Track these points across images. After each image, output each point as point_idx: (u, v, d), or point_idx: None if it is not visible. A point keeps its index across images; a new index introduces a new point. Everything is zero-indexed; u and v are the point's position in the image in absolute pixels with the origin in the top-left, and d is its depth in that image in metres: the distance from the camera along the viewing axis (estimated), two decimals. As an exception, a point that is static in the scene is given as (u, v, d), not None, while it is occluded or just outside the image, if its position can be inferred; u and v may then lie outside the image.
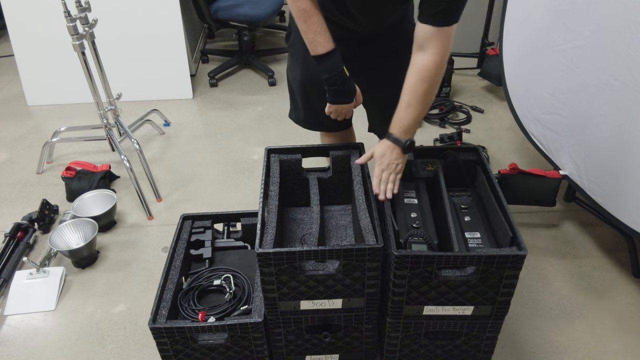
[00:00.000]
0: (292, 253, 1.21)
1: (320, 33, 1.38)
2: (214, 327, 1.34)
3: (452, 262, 1.21)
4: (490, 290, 1.26)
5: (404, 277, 1.23)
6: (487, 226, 1.42)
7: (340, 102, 1.48)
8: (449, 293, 1.27)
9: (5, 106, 3.09)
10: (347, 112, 1.53)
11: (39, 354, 1.67)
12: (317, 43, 1.39)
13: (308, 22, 1.39)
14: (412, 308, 1.31)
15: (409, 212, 1.43)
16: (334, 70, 1.41)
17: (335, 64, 1.40)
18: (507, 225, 1.29)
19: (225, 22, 3.16)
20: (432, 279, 1.24)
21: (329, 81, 1.43)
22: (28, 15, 2.80)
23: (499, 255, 1.19)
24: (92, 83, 2.22)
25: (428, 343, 1.38)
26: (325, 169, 1.66)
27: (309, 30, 1.40)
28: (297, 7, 1.40)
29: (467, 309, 1.31)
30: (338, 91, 1.45)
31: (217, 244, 1.67)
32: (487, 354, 1.42)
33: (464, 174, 1.55)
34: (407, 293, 1.27)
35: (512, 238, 1.26)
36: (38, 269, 1.88)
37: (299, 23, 1.41)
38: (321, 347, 1.46)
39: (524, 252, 1.20)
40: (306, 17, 1.39)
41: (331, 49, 1.39)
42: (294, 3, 1.40)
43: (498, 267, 1.21)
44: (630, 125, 1.60)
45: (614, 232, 2.03)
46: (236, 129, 2.84)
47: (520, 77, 2.20)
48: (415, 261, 1.20)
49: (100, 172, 2.32)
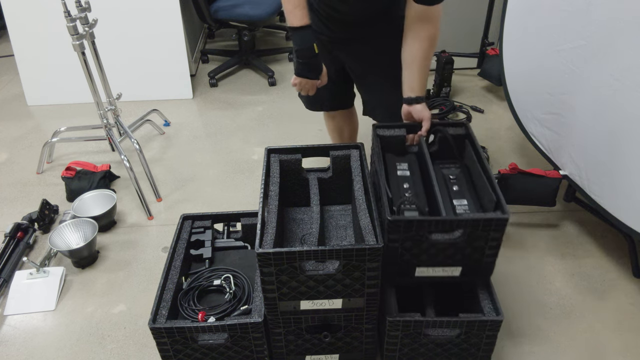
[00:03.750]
0: (292, 253, 1.21)
1: (298, 7, 1.48)
2: (214, 327, 1.34)
3: (441, 226, 1.30)
4: (477, 252, 1.35)
5: (397, 241, 1.32)
6: (473, 194, 1.50)
7: (305, 75, 1.57)
8: (439, 255, 1.36)
9: (5, 106, 3.09)
10: (311, 88, 1.61)
11: (39, 354, 1.67)
12: (294, 15, 1.48)
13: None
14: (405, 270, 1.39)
15: (402, 183, 1.52)
16: (304, 44, 1.50)
17: (306, 38, 1.49)
18: (491, 191, 1.38)
19: (225, 22, 3.16)
20: (423, 242, 1.33)
21: (298, 53, 1.52)
22: (28, 15, 2.80)
23: (483, 218, 1.28)
24: (92, 83, 2.22)
25: (428, 342, 1.39)
26: (325, 169, 1.66)
27: (289, 4, 1.48)
28: None
29: (455, 269, 1.39)
30: (305, 64, 1.54)
31: (217, 244, 1.67)
32: (487, 352, 1.42)
33: (453, 148, 1.62)
34: (400, 256, 1.35)
35: (496, 203, 1.35)
36: (38, 269, 1.88)
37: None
38: (321, 347, 1.46)
39: (507, 215, 1.29)
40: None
41: (305, 24, 1.48)
42: None
43: (483, 230, 1.30)
44: (630, 125, 1.60)
45: (614, 232, 2.03)
46: (236, 129, 2.84)
47: (520, 77, 2.20)
48: (408, 226, 1.29)
49: (100, 172, 2.32)
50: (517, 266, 1.93)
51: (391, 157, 1.61)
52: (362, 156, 1.56)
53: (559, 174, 1.97)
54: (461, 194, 1.49)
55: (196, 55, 3.55)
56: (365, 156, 1.56)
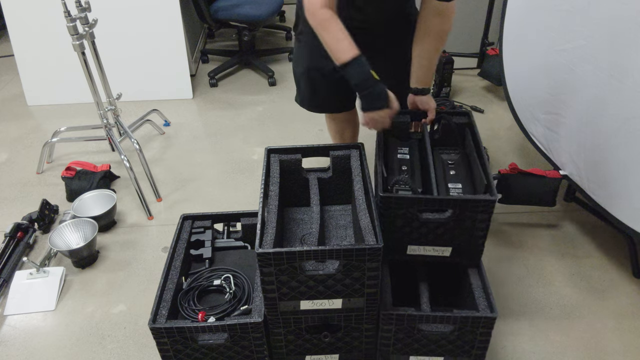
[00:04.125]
0: (292, 253, 1.21)
1: (342, 39, 1.38)
2: (214, 327, 1.34)
3: (431, 204, 1.35)
4: (466, 233, 1.39)
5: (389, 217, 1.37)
6: (469, 179, 1.54)
7: (374, 107, 1.43)
8: (429, 235, 1.41)
9: (5, 106, 3.09)
10: (384, 121, 1.47)
11: (39, 354, 1.67)
12: (341, 50, 1.38)
13: (329, 31, 1.39)
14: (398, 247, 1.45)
15: (400, 165, 1.57)
16: (362, 75, 1.39)
17: (362, 69, 1.39)
18: (483, 175, 1.42)
19: (226, 22, 3.16)
20: (414, 221, 1.38)
21: (359, 87, 1.41)
22: (28, 15, 2.80)
23: (472, 199, 1.33)
24: (92, 83, 2.22)
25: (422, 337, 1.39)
26: (325, 169, 1.66)
27: (332, 39, 1.39)
28: (317, 19, 1.39)
29: (446, 250, 1.44)
30: (369, 96, 1.42)
31: (217, 244, 1.67)
32: (481, 350, 1.42)
33: (455, 136, 1.66)
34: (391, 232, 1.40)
35: (486, 186, 1.39)
36: (38, 269, 1.88)
37: (321, 34, 1.41)
38: (321, 347, 1.46)
39: (494, 197, 1.34)
40: (327, 25, 1.39)
41: (356, 55, 1.37)
42: (313, 16, 1.39)
43: (472, 210, 1.34)
44: (630, 125, 1.60)
45: (614, 232, 2.03)
46: (236, 129, 2.84)
47: (520, 77, 2.20)
48: (399, 203, 1.34)
49: (100, 172, 2.32)
50: (517, 266, 1.93)
51: (394, 141, 1.66)
52: (362, 156, 1.56)
53: (559, 174, 1.97)
54: (457, 178, 1.53)
55: (196, 55, 3.55)
56: (366, 156, 1.56)
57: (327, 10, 1.37)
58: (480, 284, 1.44)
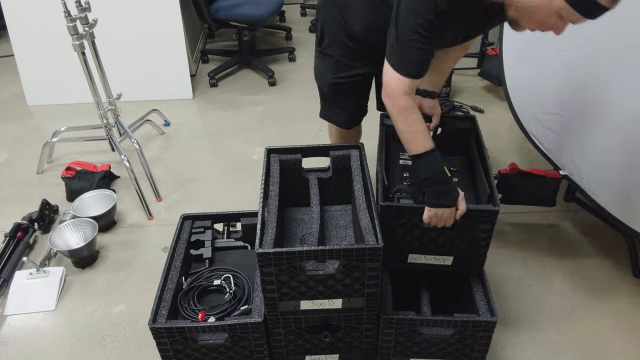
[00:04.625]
0: (292, 253, 1.21)
1: (419, 132, 1.34)
2: (214, 327, 1.34)
3: None
4: (468, 242, 1.38)
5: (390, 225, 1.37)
6: (472, 186, 1.54)
7: (443, 204, 1.34)
8: (430, 244, 1.41)
9: (5, 106, 3.09)
10: (448, 218, 1.35)
11: (39, 354, 1.67)
12: (416, 142, 1.33)
13: (408, 121, 1.34)
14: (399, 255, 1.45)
15: (402, 172, 1.57)
16: (435, 171, 1.34)
17: (436, 164, 1.34)
18: (486, 184, 1.41)
19: (226, 22, 3.16)
20: (415, 229, 1.37)
21: (428, 182, 1.35)
22: (28, 15, 2.79)
23: (476, 210, 1.33)
24: (92, 83, 2.22)
25: (422, 340, 1.39)
26: (325, 169, 1.66)
27: (408, 130, 1.34)
28: (398, 106, 1.33)
29: (447, 259, 1.43)
30: (439, 192, 1.34)
31: (217, 244, 1.67)
32: (481, 353, 1.42)
33: (459, 141, 1.66)
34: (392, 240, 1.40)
35: (489, 195, 1.38)
36: (38, 269, 1.88)
37: (397, 122, 1.35)
38: (321, 347, 1.46)
39: (498, 208, 1.33)
40: (407, 114, 1.33)
41: (431, 148, 1.32)
42: (393, 102, 1.33)
43: (475, 220, 1.34)
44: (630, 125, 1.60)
45: (614, 232, 2.03)
46: (236, 129, 2.84)
47: (520, 77, 2.20)
48: (400, 212, 1.34)
49: (100, 172, 2.32)
50: (517, 266, 1.93)
51: (395, 146, 1.65)
52: (362, 156, 1.56)
53: (559, 174, 1.97)
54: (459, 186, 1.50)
55: (196, 55, 3.55)
56: (365, 156, 1.56)
57: (408, 99, 1.32)
58: (481, 287, 1.44)
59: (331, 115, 1.88)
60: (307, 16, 4.35)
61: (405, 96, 1.32)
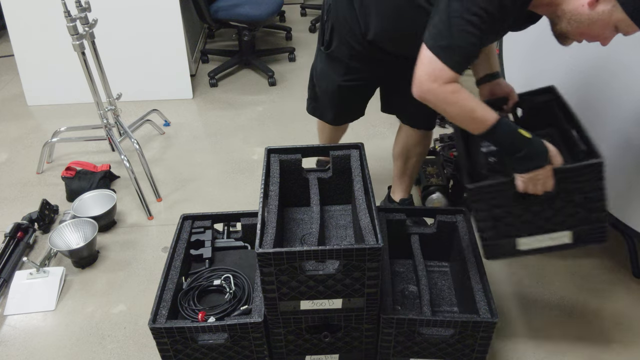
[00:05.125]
0: (292, 253, 1.21)
1: (477, 108, 1.23)
2: (214, 327, 1.34)
3: None
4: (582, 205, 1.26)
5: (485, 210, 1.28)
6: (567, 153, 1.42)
7: (534, 167, 1.24)
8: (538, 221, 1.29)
9: (5, 106, 3.09)
10: (546, 179, 1.26)
11: (39, 354, 1.67)
12: (479, 120, 1.23)
13: (460, 104, 1.22)
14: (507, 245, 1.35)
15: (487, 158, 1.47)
16: (513, 136, 1.24)
17: (511, 129, 1.24)
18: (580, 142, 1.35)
19: (226, 22, 3.16)
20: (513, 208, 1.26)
21: (510, 150, 1.25)
22: (28, 15, 2.79)
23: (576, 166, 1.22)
24: (92, 83, 2.22)
25: (422, 340, 1.39)
26: (326, 169, 1.66)
27: (464, 112, 1.23)
28: (445, 93, 1.21)
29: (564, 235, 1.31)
30: (527, 156, 1.24)
31: (217, 244, 1.67)
32: (481, 353, 1.42)
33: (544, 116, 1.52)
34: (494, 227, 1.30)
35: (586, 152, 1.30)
36: (38, 269, 1.88)
37: (449, 110, 1.24)
38: (321, 347, 1.46)
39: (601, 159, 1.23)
40: (457, 98, 1.22)
41: (496, 118, 1.23)
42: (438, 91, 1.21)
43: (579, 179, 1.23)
44: (630, 125, 1.60)
45: (614, 232, 2.03)
46: (236, 129, 2.84)
47: (520, 77, 2.20)
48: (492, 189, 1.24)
49: (100, 172, 2.32)
50: (517, 266, 1.93)
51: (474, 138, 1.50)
52: (362, 156, 1.56)
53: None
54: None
55: (196, 55, 3.55)
56: (365, 156, 1.56)
57: (454, 83, 1.20)
58: (481, 287, 1.44)
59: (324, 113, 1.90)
60: (307, 16, 4.35)
61: (452, 82, 1.20)
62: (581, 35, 1.24)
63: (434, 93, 1.21)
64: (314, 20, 4.10)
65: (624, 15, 1.14)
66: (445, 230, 1.66)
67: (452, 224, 1.64)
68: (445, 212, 1.66)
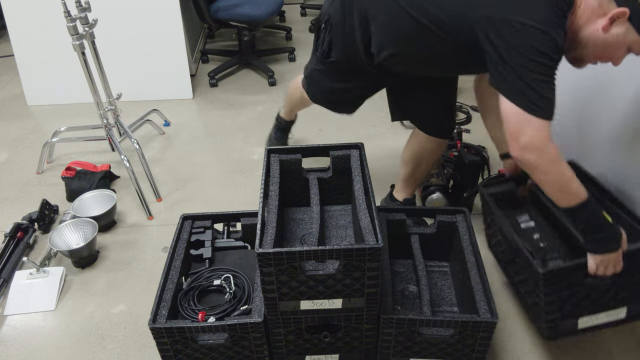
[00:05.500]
0: (292, 253, 1.21)
1: (573, 179, 1.25)
2: (214, 327, 1.34)
3: None
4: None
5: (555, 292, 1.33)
6: None
7: (607, 250, 1.28)
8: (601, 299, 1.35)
9: (5, 106, 3.09)
10: (617, 262, 1.30)
11: (39, 354, 1.67)
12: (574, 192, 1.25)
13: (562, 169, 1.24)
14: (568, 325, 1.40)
15: (531, 235, 1.55)
16: (597, 218, 1.27)
17: (596, 211, 1.27)
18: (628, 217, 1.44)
19: (225, 22, 3.16)
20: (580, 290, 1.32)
21: (591, 231, 1.28)
22: (28, 15, 2.79)
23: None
24: (92, 83, 2.22)
25: (422, 340, 1.39)
26: (325, 169, 1.66)
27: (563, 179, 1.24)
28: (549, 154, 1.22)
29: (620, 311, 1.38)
30: (604, 240, 1.28)
31: (217, 244, 1.67)
32: (481, 353, 1.42)
33: None
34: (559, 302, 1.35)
35: None
36: (38, 269, 1.88)
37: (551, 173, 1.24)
38: (321, 347, 1.46)
39: None
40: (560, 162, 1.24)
41: (587, 195, 1.25)
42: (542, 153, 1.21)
43: None
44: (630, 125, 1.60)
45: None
46: (236, 129, 2.84)
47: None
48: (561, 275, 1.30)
49: (100, 172, 2.32)
50: (517, 266, 1.93)
51: (508, 214, 1.63)
52: (362, 156, 1.56)
53: (559, 174, 1.97)
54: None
55: (196, 55, 3.55)
56: (365, 156, 1.56)
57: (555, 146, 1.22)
58: (481, 287, 1.44)
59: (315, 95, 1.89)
60: (307, 16, 4.35)
61: (552, 142, 1.21)
62: (596, 58, 1.28)
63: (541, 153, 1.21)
64: (314, 20, 4.10)
65: (637, 37, 1.18)
66: (445, 230, 1.66)
67: (452, 224, 1.64)
68: (445, 212, 1.66)
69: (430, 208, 1.87)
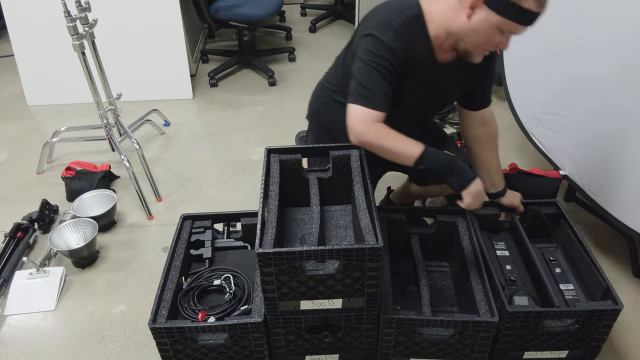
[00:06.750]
0: (292, 253, 1.21)
1: (404, 138, 1.38)
2: (214, 327, 1.34)
3: (557, 316, 1.38)
4: (587, 337, 1.43)
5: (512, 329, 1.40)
6: (577, 277, 1.57)
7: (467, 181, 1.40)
8: (551, 340, 1.43)
9: (5, 106, 3.09)
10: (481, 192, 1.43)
11: (39, 354, 1.67)
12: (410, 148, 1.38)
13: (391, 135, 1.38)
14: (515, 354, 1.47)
15: (504, 265, 1.61)
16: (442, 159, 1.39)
17: (438, 154, 1.38)
18: (601, 279, 1.45)
19: (225, 22, 3.16)
20: (537, 329, 1.40)
21: (445, 172, 1.40)
22: (28, 15, 2.79)
23: (599, 309, 1.36)
24: (92, 83, 2.22)
25: (422, 340, 1.39)
26: (325, 169, 1.66)
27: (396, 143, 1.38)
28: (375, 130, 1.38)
29: (562, 353, 1.47)
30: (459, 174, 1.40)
31: (217, 244, 1.67)
32: (482, 353, 1.42)
33: (547, 226, 1.70)
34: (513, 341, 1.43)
35: (605, 290, 1.43)
36: (38, 269, 1.88)
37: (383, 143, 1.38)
38: (321, 347, 1.46)
39: (620, 306, 1.37)
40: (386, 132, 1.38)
41: (424, 145, 1.38)
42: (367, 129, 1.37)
43: (597, 319, 1.38)
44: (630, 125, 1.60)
45: (614, 232, 2.03)
46: (236, 129, 2.84)
47: (520, 76, 2.20)
48: (525, 317, 1.37)
49: (100, 172, 2.32)
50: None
51: (486, 235, 1.71)
52: (362, 156, 1.56)
53: (559, 174, 1.97)
54: (565, 278, 1.58)
55: (196, 55, 3.55)
56: (365, 156, 1.56)
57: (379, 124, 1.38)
58: (481, 287, 1.44)
59: None
60: (307, 16, 4.35)
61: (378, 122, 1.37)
62: (477, 46, 1.36)
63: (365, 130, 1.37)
64: (314, 20, 4.10)
65: (498, 17, 1.25)
66: (445, 230, 1.66)
67: (452, 224, 1.64)
68: (445, 212, 1.66)
69: (430, 208, 1.87)
